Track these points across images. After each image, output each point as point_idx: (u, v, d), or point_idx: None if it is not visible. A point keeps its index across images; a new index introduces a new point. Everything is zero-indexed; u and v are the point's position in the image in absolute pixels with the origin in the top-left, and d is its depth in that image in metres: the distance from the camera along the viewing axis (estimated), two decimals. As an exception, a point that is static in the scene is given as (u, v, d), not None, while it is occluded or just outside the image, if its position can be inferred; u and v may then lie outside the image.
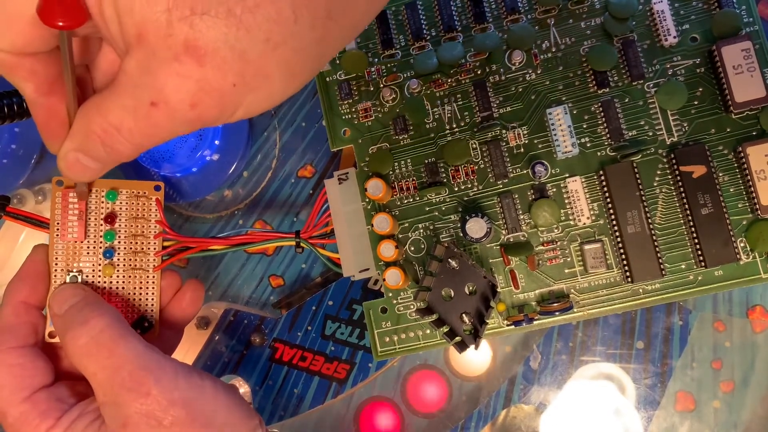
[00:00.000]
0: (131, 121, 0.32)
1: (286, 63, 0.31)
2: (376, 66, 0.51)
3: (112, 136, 0.33)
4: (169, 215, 0.60)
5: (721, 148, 0.46)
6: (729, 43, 0.45)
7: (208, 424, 0.39)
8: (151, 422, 0.38)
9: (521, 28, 0.49)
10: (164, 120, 0.31)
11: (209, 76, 0.30)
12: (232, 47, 0.29)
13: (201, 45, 0.29)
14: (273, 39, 0.30)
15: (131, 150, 0.34)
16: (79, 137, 0.35)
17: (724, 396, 0.55)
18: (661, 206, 0.46)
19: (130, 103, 0.31)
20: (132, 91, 0.31)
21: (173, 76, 0.30)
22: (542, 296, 0.48)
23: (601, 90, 0.48)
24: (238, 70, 0.30)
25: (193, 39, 0.29)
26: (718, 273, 0.46)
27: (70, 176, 0.37)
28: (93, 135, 0.33)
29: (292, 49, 0.31)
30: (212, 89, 0.30)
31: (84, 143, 0.34)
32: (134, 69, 0.31)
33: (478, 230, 0.47)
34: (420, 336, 0.49)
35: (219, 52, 0.29)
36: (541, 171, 0.47)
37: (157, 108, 0.31)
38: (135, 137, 0.33)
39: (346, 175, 0.49)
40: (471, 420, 0.57)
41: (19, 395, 0.40)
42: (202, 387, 0.40)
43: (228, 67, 0.30)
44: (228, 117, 0.33)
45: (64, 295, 0.43)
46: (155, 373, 0.39)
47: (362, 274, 0.48)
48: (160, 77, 0.30)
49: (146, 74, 0.30)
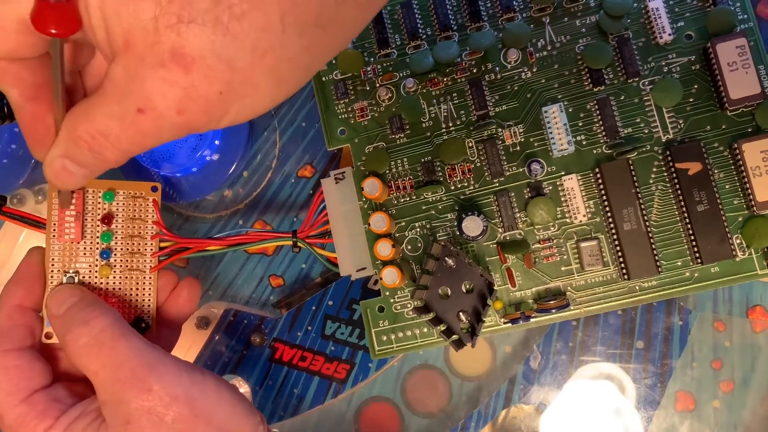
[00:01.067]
0: (118, 127, 0.32)
1: (274, 71, 0.31)
2: (372, 65, 0.51)
3: (100, 143, 0.33)
4: (169, 215, 0.60)
5: (716, 145, 0.46)
6: (724, 40, 0.45)
7: (210, 420, 0.39)
8: (153, 419, 0.38)
9: (516, 26, 0.49)
10: (151, 127, 0.31)
11: (196, 83, 0.30)
12: (219, 55, 0.29)
13: (188, 52, 0.29)
14: (260, 47, 0.30)
15: (118, 156, 0.34)
16: (65, 143, 0.34)
17: (724, 396, 0.55)
18: (657, 203, 0.47)
19: (116, 109, 0.31)
20: (119, 97, 0.31)
21: (160, 82, 0.30)
22: (539, 294, 0.48)
23: (597, 88, 0.48)
24: (224, 78, 0.30)
25: (179, 47, 0.29)
26: (715, 270, 0.46)
27: (57, 184, 0.36)
28: (80, 141, 0.33)
29: (280, 58, 0.31)
30: (198, 96, 0.30)
31: (71, 150, 0.34)
32: (121, 76, 0.31)
33: (475, 228, 0.47)
34: (417, 334, 0.49)
35: (206, 59, 0.29)
36: (537, 169, 0.47)
37: (144, 115, 0.31)
38: (122, 144, 0.33)
39: (342, 175, 0.50)
40: (471, 420, 0.57)
41: (16, 397, 0.41)
42: (204, 384, 0.40)
43: (214, 74, 0.30)
44: (215, 124, 0.33)
45: (62, 296, 0.43)
46: (157, 370, 0.39)
47: (359, 273, 0.49)
48: (146, 84, 0.30)
49: (133, 81, 0.30)
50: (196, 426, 0.39)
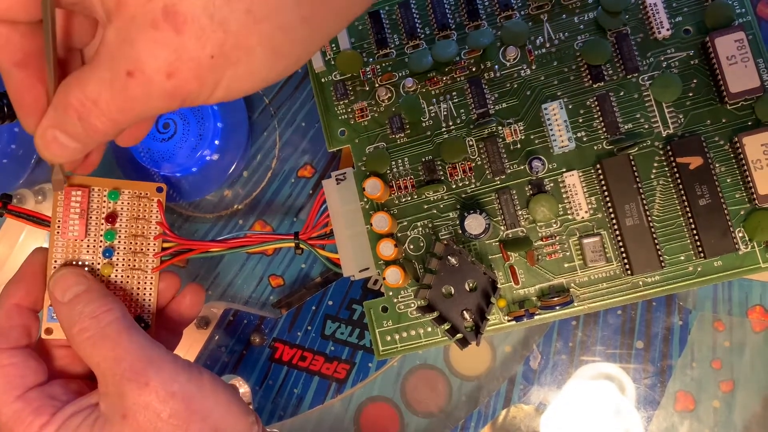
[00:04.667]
0: (108, 93, 0.31)
1: (270, 39, 0.30)
2: (371, 66, 0.51)
3: (89, 110, 0.32)
4: (168, 215, 0.60)
5: (717, 139, 0.47)
6: (722, 34, 0.46)
7: (206, 418, 0.40)
8: (149, 414, 0.38)
9: (515, 24, 0.49)
10: (140, 92, 0.31)
11: (187, 44, 0.29)
12: (212, 16, 0.29)
13: (180, 11, 0.28)
14: (255, 11, 0.29)
15: (108, 126, 0.33)
16: (55, 113, 0.34)
17: (724, 396, 0.55)
18: (658, 198, 0.47)
19: (107, 74, 0.31)
20: (109, 61, 0.31)
21: (150, 43, 0.29)
22: (542, 291, 0.48)
23: (596, 84, 0.48)
24: (216, 41, 0.29)
25: (172, 5, 0.28)
26: (718, 264, 0.46)
27: (47, 156, 0.35)
28: (70, 109, 0.32)
29: (276, 25, 0.30)
30: (189, 59, 0.29)
31: (61, 119, 0.33)
32: (113, 38, 0.30)
33: (477, 227, 0.47)
34: (421, 334, 0.49)
35: (198, 20, 0.28)
36: (539, 166, 0.48)
37: (134, 78, 0.30)
38: (111, 111, 0.32)
39: (343, 176, 0.50)
40: (471, 420, 0.57)
41: (11, 394, 0.41)
42: (201, 382, 0.40)
43: (206, 36, 0.29)
44: (208, 94, 0.32)
45: (67, 282, 0.43)
46: (156, 365, 0.39)
47: (362, 273, 0.49)
48: (136, 45, 0.29)
49: (124, 43, 0.30)
50: (191, 423, 0.39)
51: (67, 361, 0.45)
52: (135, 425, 0.38)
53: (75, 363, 0.45)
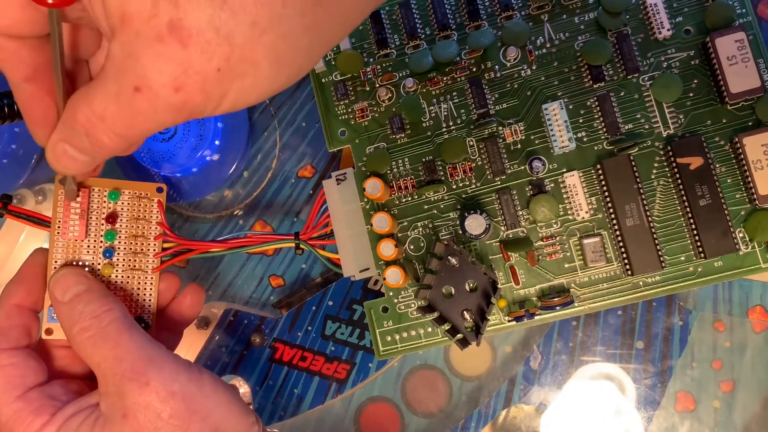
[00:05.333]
0: (114, 108, 0.31)
1: (274, 50, 0.30)
2: (371, 66, 0.51)
3: (96, 126, 0.32)
4: (169, 215, 0.60)
5: (717, 139, 0.47)
6: (722, 34, 0.46)
7: (206, 418, 0.40)
8: (149, 413, 0.38)
9: (515, 24, 0.49)
10: (147, 107, 0.31)
11: (193, 58, 0.29)
12: (218, 29, 0.29)
13: (185, 26, 0.28)
14: (260, 23, 0.29)
15: (114, 141, 0.33)
16: (65, 127, 0.34)
17: (724, 396, 0.55)
18: (659, 199, 0.47)
19: (113, 89, 0.31)
20: (115, 76, 0.31)
21: (156, 57, 0.29)
22: (543, 291, 0.48)
23: (597, 84, 0.48)
24: (222, 54, 0.29)
25: (177, 19, 0.28)
26: (718, 264, 0.46)
27: (58, 168, 0.36)
28: (77, 124, 0.33)
29: (280, 36, 0.30)
30: (196, 72, 0.29)
31: (69, 134, 0.34)
32: (118, 53, 0.30)
33: (477, 227, 0.47)
34: (422, 334, 0.49)
35: (204, 34, 0.28)
36: (539, 166, 0.48)
37: (141, 93, 0.30)
38: (117, 126, 0.32)
39: (344, 176, 0.50)
40: (471, 420, 0.57)
41: (11, 394, 0.41)
42: (201, 382, 0.40)
43: (212, 50, 0.29)
44: (214, 107, 0.32)
45: (68, 282, 0.42)
46: (156, 365, 0.39)
47: (362, 273, 0.48)
48: (142, 60, 0.29)
49: (129, 57, 0.30)
50: (191, 423, 0.39)
51: (68, 361, 0.45)
52: (135, 425, 0.38)
53: (75, 363, 0.45)
